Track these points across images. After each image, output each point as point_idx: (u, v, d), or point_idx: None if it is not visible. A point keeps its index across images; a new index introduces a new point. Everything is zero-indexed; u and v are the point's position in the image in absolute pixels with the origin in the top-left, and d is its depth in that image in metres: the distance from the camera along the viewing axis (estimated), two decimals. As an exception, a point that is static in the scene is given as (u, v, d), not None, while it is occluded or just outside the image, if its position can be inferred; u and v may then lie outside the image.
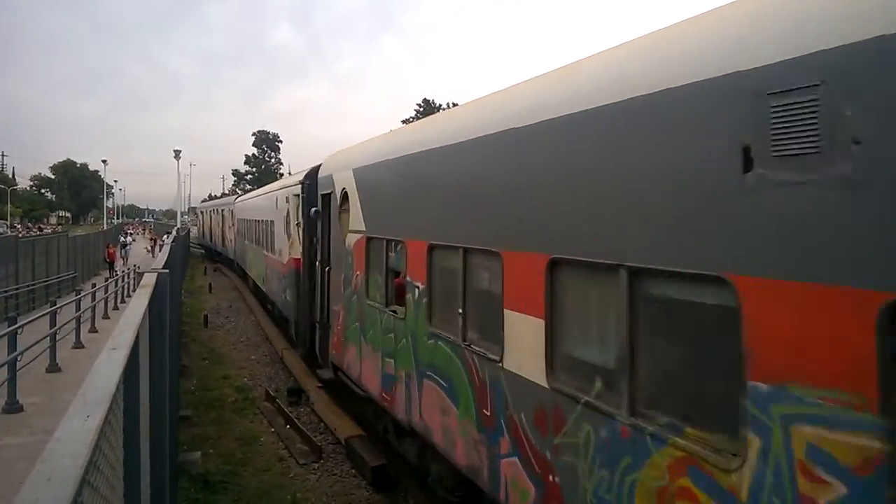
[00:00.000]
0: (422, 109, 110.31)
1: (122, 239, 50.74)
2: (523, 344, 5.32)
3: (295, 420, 11.94)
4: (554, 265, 4.92)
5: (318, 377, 13.45)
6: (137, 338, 3.17)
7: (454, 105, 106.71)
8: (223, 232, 44.05)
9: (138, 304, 3.91)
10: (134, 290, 18.97)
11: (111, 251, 39.97)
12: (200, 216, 68.64)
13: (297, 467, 10.15)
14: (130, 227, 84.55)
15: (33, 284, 25.64)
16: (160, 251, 24.56)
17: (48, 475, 1.55)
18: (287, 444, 11.06)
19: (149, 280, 5.22)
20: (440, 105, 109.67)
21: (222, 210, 44.83)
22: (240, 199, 38.74)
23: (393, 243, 8.54)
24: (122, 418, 2.72)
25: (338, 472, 9.94)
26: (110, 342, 2.81)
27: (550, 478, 4.95)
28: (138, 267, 27.21)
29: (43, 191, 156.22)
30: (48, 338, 13.88)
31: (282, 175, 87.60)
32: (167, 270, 5.97)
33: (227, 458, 10.43)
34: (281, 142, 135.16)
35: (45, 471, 1.58)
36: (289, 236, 16.97)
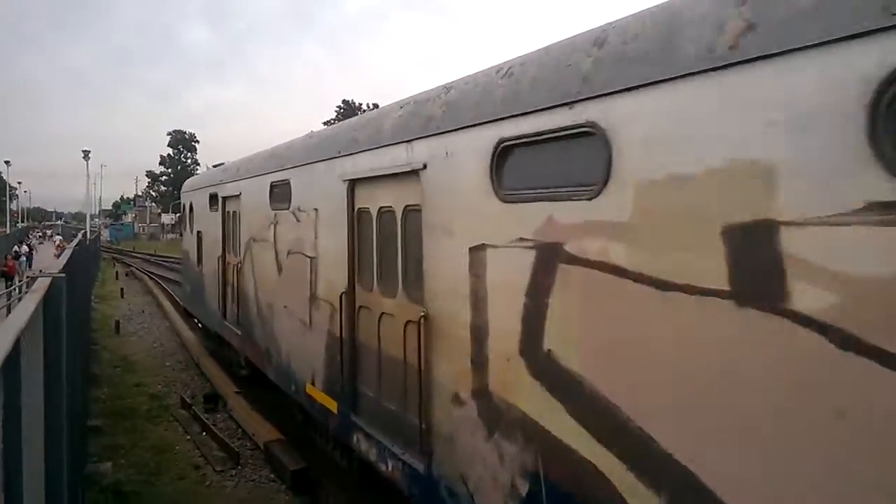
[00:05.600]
0: (342, 111, 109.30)
1: (15, 249, 40.03)
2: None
3: (211, 427, 11.60)
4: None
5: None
6: (19, 345, 3.02)
7: (375, 106, 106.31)
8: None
9: (23, 309, 3.71)
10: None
11: (10, 264, 33.28)
12: (190, 222, 17.05)
13: (213, 475, 9.88)
14: (38, 231, 75.95)
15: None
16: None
17: None
18: (203, 452, 10.74)
19: (41, 285, 4.97)
20: (360, 105, 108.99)
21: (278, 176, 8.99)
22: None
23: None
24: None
25: (256, 477, 9.74)
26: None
27: None
28: (41, 272, 25.68)
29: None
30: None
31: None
32: (63, 275, 5.69)
33: (139, 468, 10.04)
34: (198, 142, 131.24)
35: None
36: None
